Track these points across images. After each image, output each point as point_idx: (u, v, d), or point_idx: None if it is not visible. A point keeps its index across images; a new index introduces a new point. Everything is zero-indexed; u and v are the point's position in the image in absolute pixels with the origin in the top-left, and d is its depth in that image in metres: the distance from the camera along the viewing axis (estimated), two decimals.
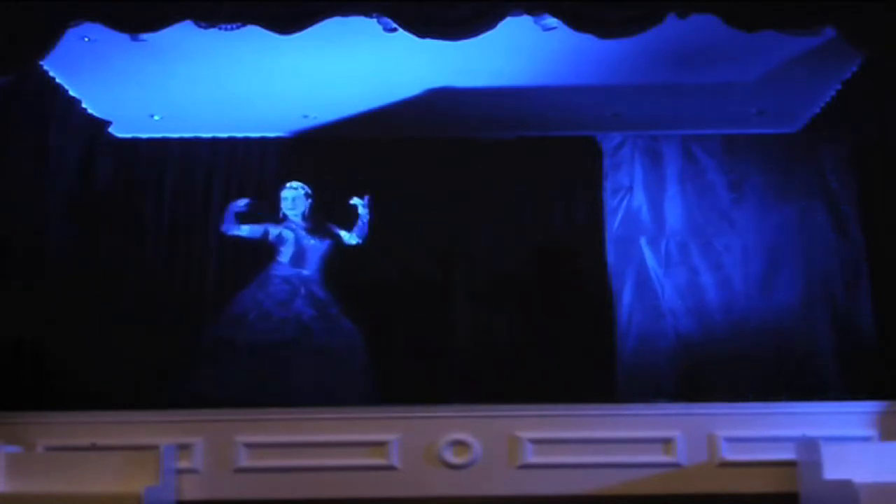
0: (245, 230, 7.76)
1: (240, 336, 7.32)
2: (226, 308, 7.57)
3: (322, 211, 7.94)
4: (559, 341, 8.20)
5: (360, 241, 7.81)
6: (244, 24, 5.77)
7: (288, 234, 7.74)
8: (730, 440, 6.05)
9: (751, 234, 8.39)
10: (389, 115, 8.00)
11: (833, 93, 7.69)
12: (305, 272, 7.64)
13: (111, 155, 8.32)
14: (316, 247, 7.72)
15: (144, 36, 6.10)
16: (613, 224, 8.45)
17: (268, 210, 7.90)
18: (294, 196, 7.80)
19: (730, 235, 8.39)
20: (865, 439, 6.01)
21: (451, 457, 6.05)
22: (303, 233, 7.74)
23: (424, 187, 8.28)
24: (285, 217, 7.82)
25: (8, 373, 6.34)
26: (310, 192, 7.84)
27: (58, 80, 7.30)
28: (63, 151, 7.46)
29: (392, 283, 8.10)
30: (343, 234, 7.85)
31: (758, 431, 6.07)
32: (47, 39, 5.70)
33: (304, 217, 7.77)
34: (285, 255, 7.70)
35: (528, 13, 5.91)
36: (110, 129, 8.27)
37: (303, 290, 7.55)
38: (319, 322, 7.43)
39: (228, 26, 5.82)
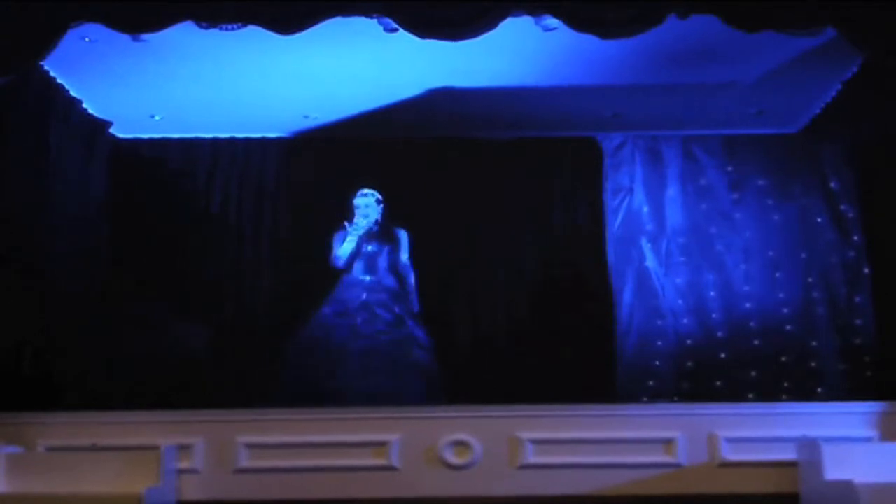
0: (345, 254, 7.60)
1: (308, 346, 7.34)
2: (307, 325, 7.49)
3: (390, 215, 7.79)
4: (560, 341, 8.21)
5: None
6: (245, 25, 5.76)
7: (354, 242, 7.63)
8: (730, 440, 6.03)
9: (751, 234, 8.40)
10: (390, 115, 8.01)
11: (833, 93, 7.70)
12: (367, 278, 7.55)
13: (111, 155, 8.32)
14: (376, 252, 7.61)
15: (145, 36, 6.10)
16: (614, 224, 8.46)
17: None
18: (367, 203, 7.61)
19: (730, 235, 8.40)
20: (866, 440, 5.99)
21: (452, 457, 6.04)
22: (363, 240, 7.60)
23: (424, 188, 8.28)
24: (356, 224, 7.61)
25: (9, 373, 6.34)
26: (380, 198, 7.68)
27: (58, 80, 7.31)
28: (63, 151, 7.45)
29: None
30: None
31: (758, 432, 6.05)
32: (48, 40, 5.70)
33: (375, 223, 7.61)
34: (357, 266, 7.57)
35: (529, 14, 5.91)
36: (111, 130, 8.27)
37: (364, 296, 7.47)
38: (372, 325, 7.38)
39: (229, 27, 5.81)
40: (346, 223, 7.57)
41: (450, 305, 8.44)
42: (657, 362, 8.08)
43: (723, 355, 8.08)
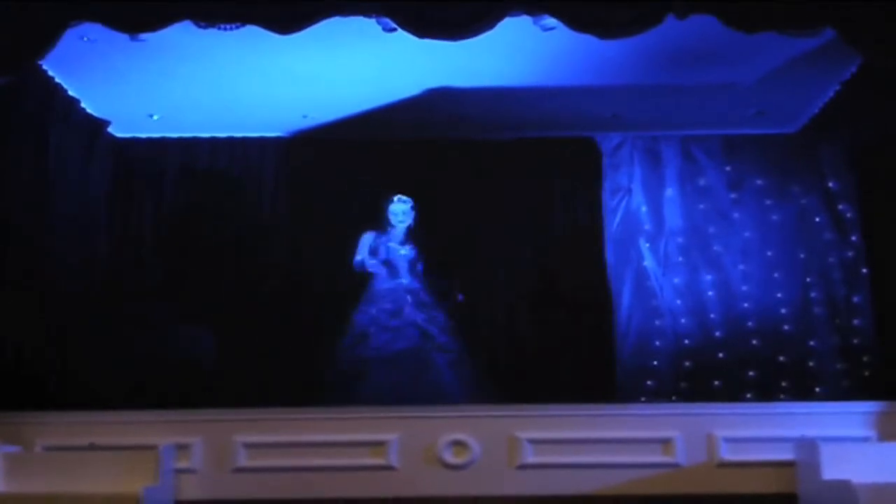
0: (374, 262, 7.76)
1: (367, 350, 7.43)
2: (346, 327, 7.58)
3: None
4: (559, 341, 8.22)
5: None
6: (243, 24, 5.76)
7: (383, 248, 7.76)
8: (729, 440, 6.04)
9: (750, 234, 8.40)
10: (389, 115, 8.00)
11: (832, 93, 7.70)
12: (404, 281, 7.67)
13: (110, 154, 8.32)
14: (405, 256, 7.74)
15: (144, 36, 6.08)
16: (613, 224, 8.46)
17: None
18: (404, 210, 7.80)
19: (729, 235, 8.41)
20: (864, 439, 6.00)
21: (451, 457, 6.05)
22: (392, 245, 7.74)
23: (423, 188, 8.27)
24: (389, 229, 7.80)
25: (8, 372, 6.34)
26: (413, 204, 7.85)
27: (57, 79, 7.30)
28: (62, 151, 7.45)
29: None
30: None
31: (757, 432, 6.07)
32: (47, 39, 5.69)
33: (408, 229, 7.79)
34: (391, 268, 7.71)
35: (528, 13, 5.91)
36: (109, 129, 8.26)
37: (409, 299, 7.60)
38: (433, 325, 7.52)
39: (228, 26, 5.81)
40: (389, 227, 7.75)
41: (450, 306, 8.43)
42: (655, 362, 8.09)
43: (721, 355, 8.09)
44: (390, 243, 7.77)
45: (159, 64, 6.97)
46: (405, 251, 7.75)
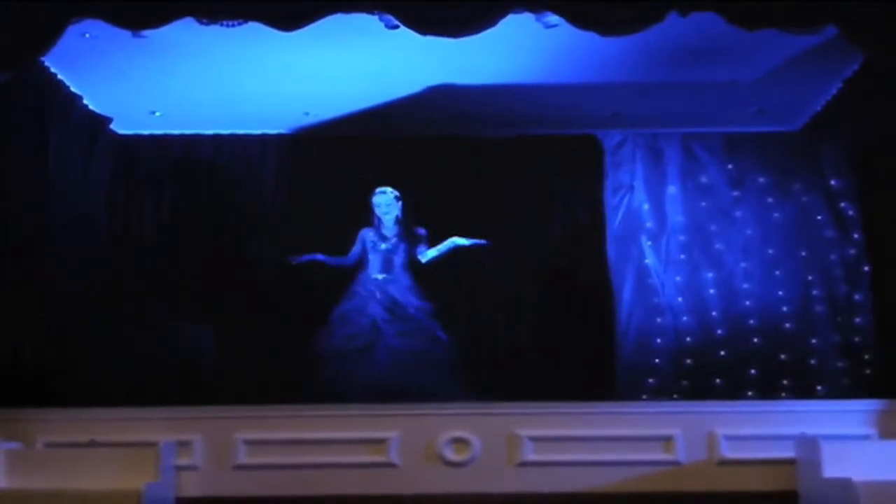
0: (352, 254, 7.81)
1: (331, 343, 7.43)
2: (327, 321, 7.57)
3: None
4: (559, 339, 8.21)
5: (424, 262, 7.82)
6: (246, 21, 5.76)
7: (370, 242, 7.74)
8: (729, 438, 6.05)
9: (751, 232, 8.40)
10: (390, 112, 8.01)
11: (834, 91, 7.69)
12: (380, 277, 7.63)
13: (111, 152, 8.32)
14: (391, 251, 7.70)
15: (146, 32, 6.08)
16: (614, 222, 8.45)
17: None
18: (387, 201, 7.73)
19: (730, 233, 8.40)
20: (865, 437, 6.01)
21: (451, 454, 6.05)
22: (376, 239, 7.72)
23: (424, 185, 8.27)
24: (378, 222, 7.76)
25: (8, 369, 6.34)
26: (399, 195, 7.78)
27: (59, 76, 7.30)
28: (64, 148, 7.44)
29: None
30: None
31: (757, 429, 6.08)
32: (49, 36, 5.69)
33: (396, 220, 7.74)
34: (373, 263, 7.69)
35: (530, 11, 5.92)
36: (111, 126, 8.26)
37: (378, 295, 7.56)
38: (393, 325, 7.46)
39: (230, 23, 5.81)
40: (376, 220, 7.72)
41: (450, 303, 8.42)
42: (657, 360, 8.09)
43: (722, 353, 8.09)
44: (378, 237, 7.72)
45: (161, 61, 6.98)
46: (385, 245, 7.70)
